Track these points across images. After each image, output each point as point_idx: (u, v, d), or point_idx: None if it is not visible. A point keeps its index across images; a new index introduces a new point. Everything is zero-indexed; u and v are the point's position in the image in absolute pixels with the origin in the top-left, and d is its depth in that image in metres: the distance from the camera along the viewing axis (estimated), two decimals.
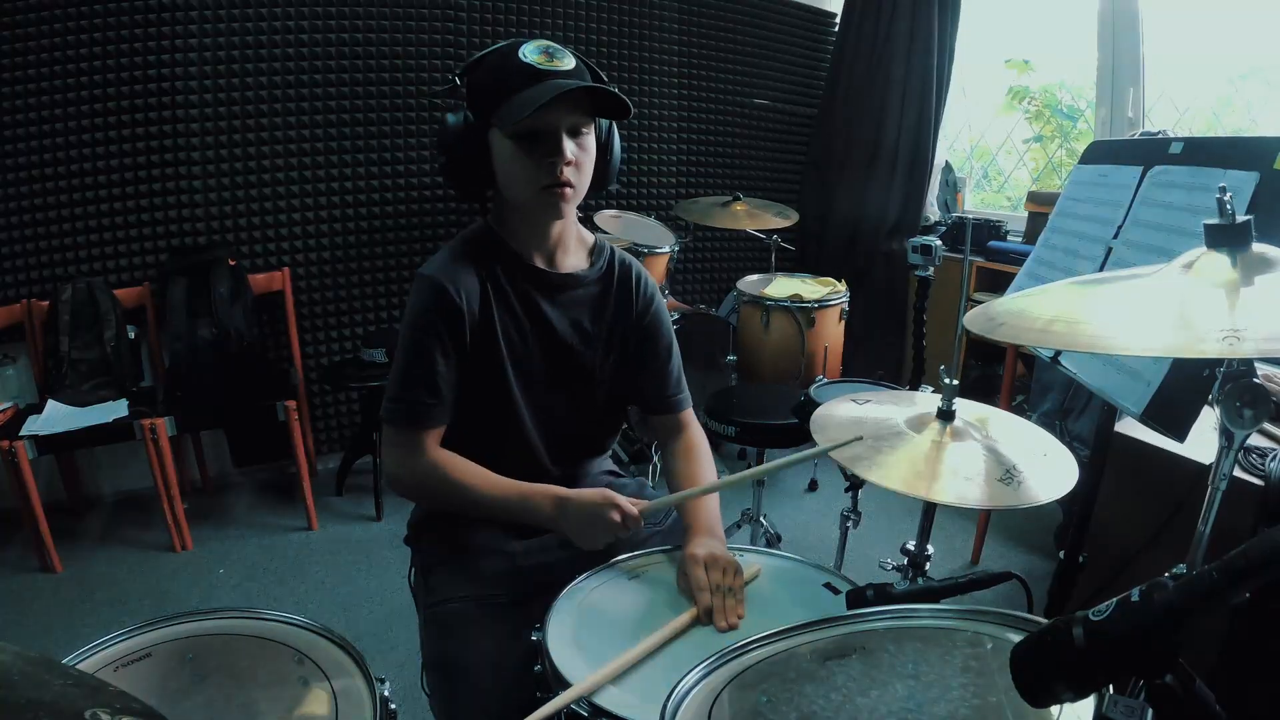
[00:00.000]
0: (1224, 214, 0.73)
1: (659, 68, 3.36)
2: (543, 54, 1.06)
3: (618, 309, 1.25)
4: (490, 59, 1.09)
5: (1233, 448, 0.85)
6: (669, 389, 1.30)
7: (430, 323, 1.11)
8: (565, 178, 1.08)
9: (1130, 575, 1.42)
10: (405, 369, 1.13)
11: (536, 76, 1.04)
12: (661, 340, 1.29)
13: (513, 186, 1.11)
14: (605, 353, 1.25)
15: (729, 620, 0.97)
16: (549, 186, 1.08)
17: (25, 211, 2.49)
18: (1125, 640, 0.52)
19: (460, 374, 1.15)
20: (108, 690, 0.39)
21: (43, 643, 2.02)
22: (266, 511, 2.79)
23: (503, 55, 1.07)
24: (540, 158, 1.07)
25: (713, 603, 0.98)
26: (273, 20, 2.67)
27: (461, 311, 1.11)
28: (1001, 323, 0.79)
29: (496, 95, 1.06)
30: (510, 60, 1.05)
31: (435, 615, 1.10)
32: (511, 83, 1.04)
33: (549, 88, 1.03)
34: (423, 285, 1.12)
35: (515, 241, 1.18)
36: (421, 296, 1.12)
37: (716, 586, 1.00)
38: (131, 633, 0.92)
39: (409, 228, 3.04)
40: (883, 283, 3.54)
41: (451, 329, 1.12)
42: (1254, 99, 2.62)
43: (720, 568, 1.02)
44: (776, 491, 2.97)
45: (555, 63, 1.06)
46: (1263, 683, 1.25)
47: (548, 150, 1.07)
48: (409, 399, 1.13)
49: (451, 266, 1.14)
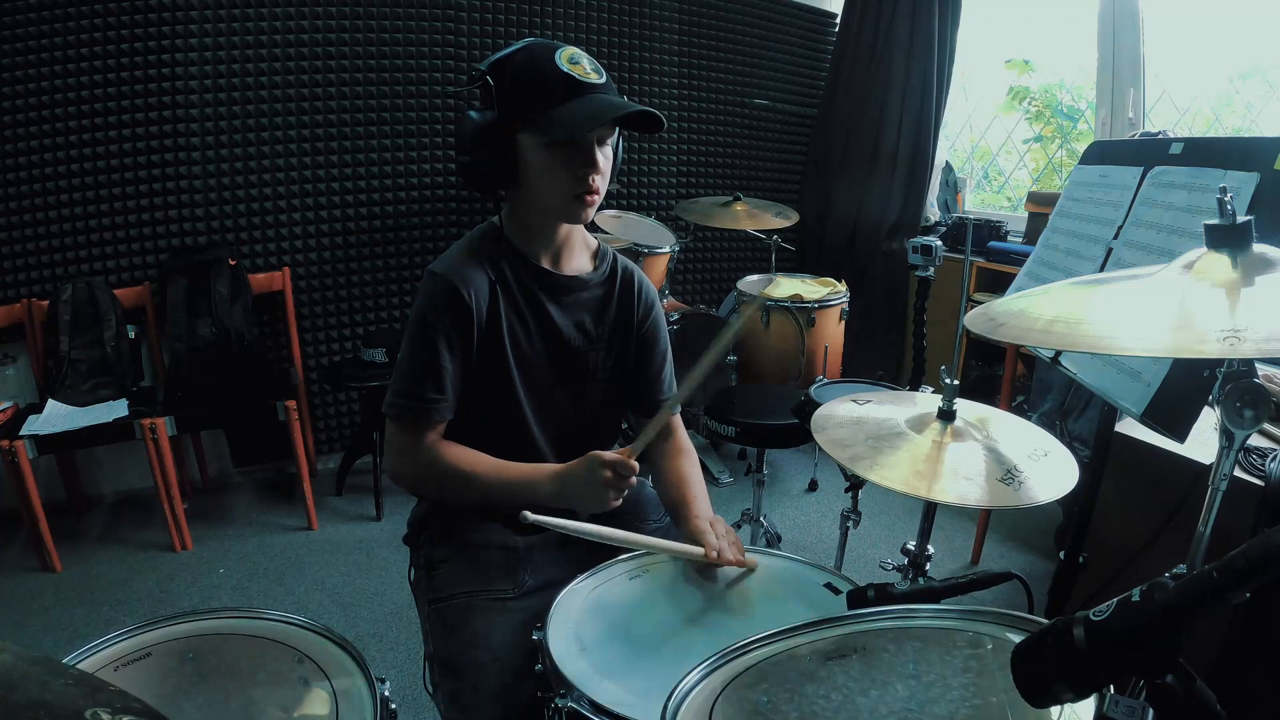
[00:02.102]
0: (1224, 214, 0.73)
1: (659, 68, 3.37)
2: (578, 65, 1.07)
3: (620, 313, 1.26)
4: (520, 60, 1.08)
5: (1233, 448, 0.85)
6: (662, 392, 1.32)
7: (440, 319, 1.12)
8: (595, 186, 1.11)
9: (1130, 575, 1.42)
10: (412, 364, 1.14)
11: (576, 89, 1.06)
12: (659, 346, 1.31)
13: (543, 191, 1.12)
14: (606, 354, 1.26)
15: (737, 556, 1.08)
16: (580, 195, 1.11)
17: (25, 211, 2.49)
18: (1126, 640, 0.52)
19: (466, 372, 1.16)
20: (108, 690, 0.39)
21: (43, 643, 2.03)
22: (266, 511, 2.79)
23: (535, 59, 1.07)
24: (576, 167, 1.09)
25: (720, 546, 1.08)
26: (273, 20, 2.67)
27: (471, 310, 1.12)
28: (1002, 323, 0.79)
29: (532, 101, 1.06)
30: (547, 67, 1.06)
31: (440, 611, 1.11)
32: (550, 92, 1.05)
33: (600, 105, 1.06)
34: (434, 282, 1.13)
35: (524, 241, 1.19)
36: (432, 293, 1.13)
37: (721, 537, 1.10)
38: (131, 633, 0.92)
39: (409, 228, 3.04)
40: (883, 283, 3.54)
41: (460, 327, 1.13)
42: (1254, 99, 2.62)
43: (723, 530, 1.12)
44: (776, 491, 2.97)
45: (591, 75, 1.07)
46: (1263, 682, 1.25)
47: (583, 161, 1.09)
48: (415, 395, 1.13)
49: (462, 265, 1.15)
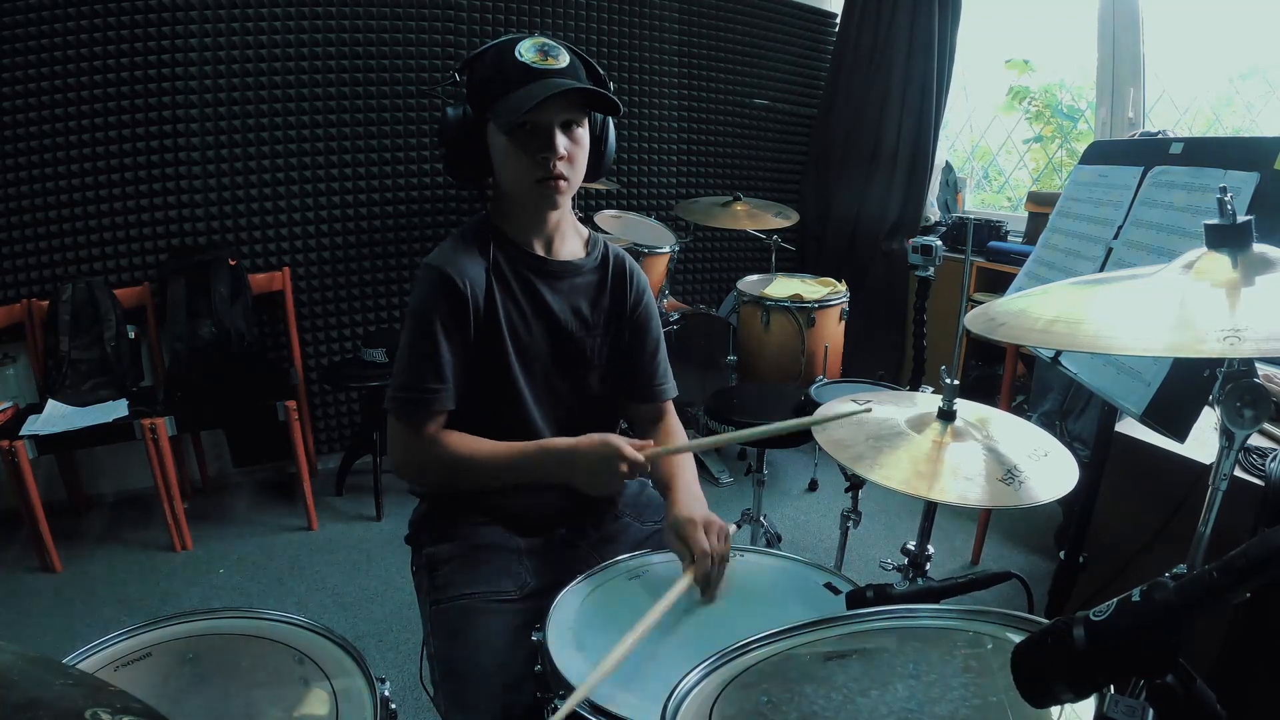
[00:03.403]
0: (1224, 214, 0.73)
1: (659, 68, 3.36)
2: (538, 52, 1.09)
3: (614, 298, 1.28)
4: (488, 55, 1.12)
5: (1233, 448, 0.85)
6: (657, 378, 1.33)
7: (436, 309, 1.13)
8: (558, 171, 1.11)
9: (1130, 575, 1.42)
10: (412, 356, 1.15)
11: (530, 75, 1.08)
12: (651, 331, 1.32)
13: (509, 179, 1.15)
14: (603, 340, 1.28)
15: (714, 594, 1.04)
16: (543, 179, 1.12)
17: (25, 211, 2.49)
18: (1126, 640, 0.52)
19: (465, 362, 1.16)
20: (108, 690, 0.39)
21: (43, 643, 2.02)
22: (266, 511, 2.78)
23: (500, 52, 1.11)
24: (534, 152, 1.10)
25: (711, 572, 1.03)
26: (273, 20, 2.67)
27: (466, 299, 1.13)
28: (1002, 323, 0.79)
29: (493, 91, 1.09)
30: (507, 57, 1.09)
31: (442, 612, 1.11)
32: (508, 80, 1.08)
33: (542, 87, 1.06)
34: (429, 274, 1.14)
35: (515, 230, 1.21)
36: (428, 285, 1.14)
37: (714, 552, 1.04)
38: (131, 633, 0.92)
39: (409, 227, 3.04)
40: (883, 283, 3.54)
41: (457, 315, 1.14)
42: (1254, 99, 2.62)
43: (716, 532, 1.07)
44: (776, 491, 2.97)
45: (550, 61, 1.09)
46: (1263, 682, 1.25)
47: (540, 145, 1.10)
48: (415, 386, 1.14)
49: (456, 256, 1.16)
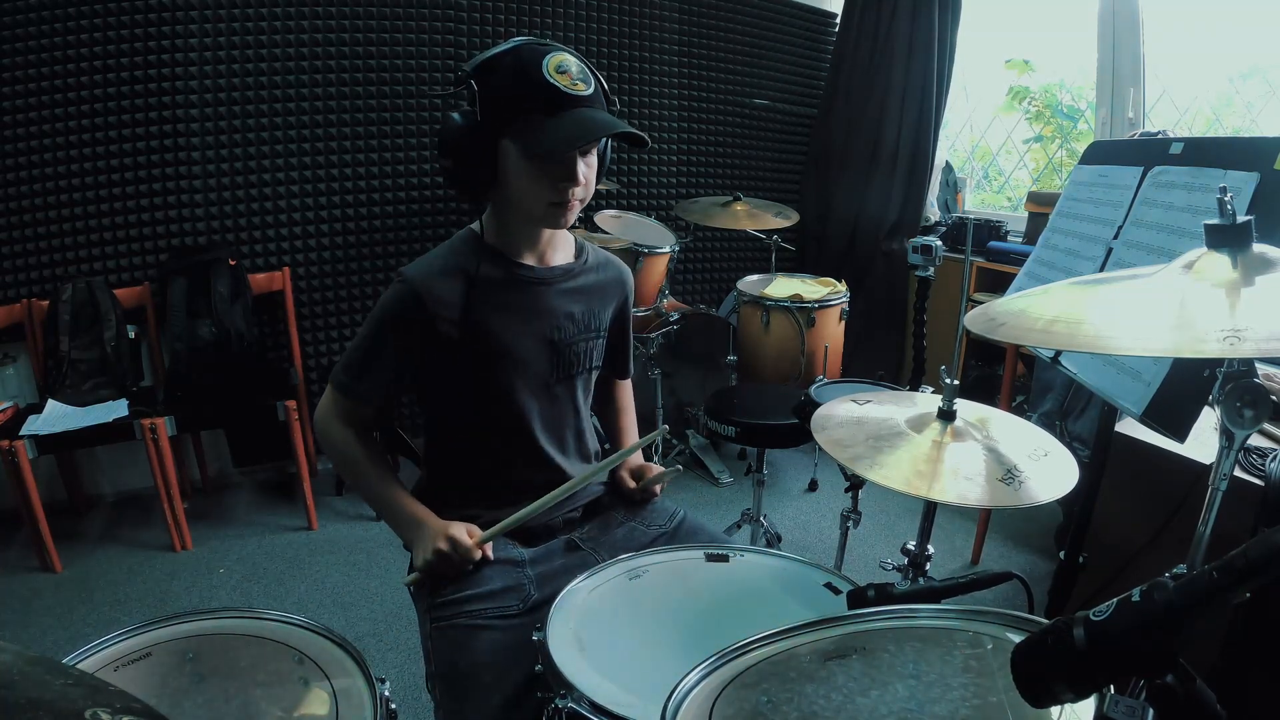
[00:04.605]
0: (1224, 214, 0.73)
1: (659, 68, 3.36)
2: (564, 74, 1.05)
3: (604, 299, 1.30)
4: (506, 63, 1.05)
5: (1233, 448, 0.85)
6: (627, 361, 1.45)
7: (394, 325, 1.15)
8: (577, 198, 1.12)
9: (1130, 575, 1.42)
10: (359, 348, 1.18)
11: (561, 101, 1.04)
12: (629, 322, 1.40)
13: (521, 199, 1.13)
14: (596, 339, 1.30)
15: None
16: (559, 203, 1.11)
17: (25, 211, 2.48)
18: (1126, 640, 0.52)
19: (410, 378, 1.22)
20: (108, 690, 0.39)
21: (43, 643, 2.02)
22: (266, 511, 2.78)
23: (522, 63, 1.05)
24: (555, 180, 1.09)
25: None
26: (273, 20, 2.67)
27: (432, 319, 1.14)
28: (1002, 323, 0.79)
29: (515, 109, 1.05)
30: (532, 74, 1.03)
31: (444, 628, 1.10)
32: (534, 101, 1.04)
33: (580, 126, 1.04)
34: (400, 287, 1.14)
35: (507, 242, 1.20)
36: (394, 297, 1.15)
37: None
38: (131, 633, 0.92)
39: (409, 228, 3.04)
40: (883, 283, 3.54)
41: (414, 333, 1.15)
42: (1254, 99, 2.62)
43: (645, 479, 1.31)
44: (776, 491, 2.97)
45: (577, 86, 1.05)
46: (1263, 682, 1.25)
47: (564, 175, 1.09)
48: (350, 375, 1.19)
49: (431, 274, 1.15)
